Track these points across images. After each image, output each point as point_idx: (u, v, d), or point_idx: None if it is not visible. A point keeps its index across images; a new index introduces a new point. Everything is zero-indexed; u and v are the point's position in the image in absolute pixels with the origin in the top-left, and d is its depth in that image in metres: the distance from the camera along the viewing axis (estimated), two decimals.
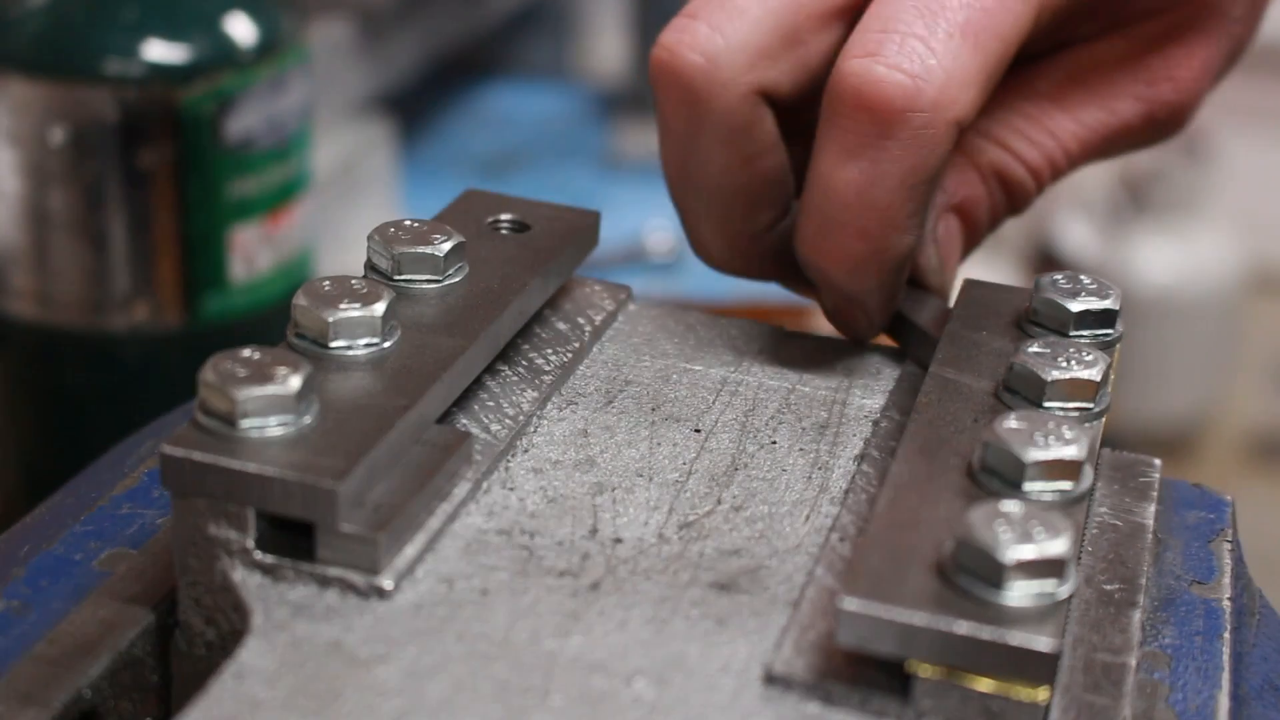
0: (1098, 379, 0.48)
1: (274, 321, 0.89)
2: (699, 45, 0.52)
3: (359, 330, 0.47)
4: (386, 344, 0.48)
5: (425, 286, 0.51)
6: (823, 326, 0.59)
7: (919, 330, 0.56)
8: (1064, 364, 0.48)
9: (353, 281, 0.48)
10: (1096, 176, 2.53)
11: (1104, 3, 0.57)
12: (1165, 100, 0.58)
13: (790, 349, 0.57)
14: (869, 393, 0.54)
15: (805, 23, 0.53)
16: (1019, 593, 0.40)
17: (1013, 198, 0.59)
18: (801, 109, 0.55)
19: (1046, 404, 0.47)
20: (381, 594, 0.43)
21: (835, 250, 0.52)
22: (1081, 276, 0.52)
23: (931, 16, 0.50)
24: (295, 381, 0.43)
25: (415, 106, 1.57)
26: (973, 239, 0.59)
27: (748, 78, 0.53)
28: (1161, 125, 0.59)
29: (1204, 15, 0.58)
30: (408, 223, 0.52)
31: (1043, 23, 0.53)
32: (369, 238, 0.52)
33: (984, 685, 0.40)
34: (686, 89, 0.53)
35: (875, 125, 0.50)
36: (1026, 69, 0.58)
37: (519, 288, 0.52)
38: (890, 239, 0.52)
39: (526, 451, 0.50)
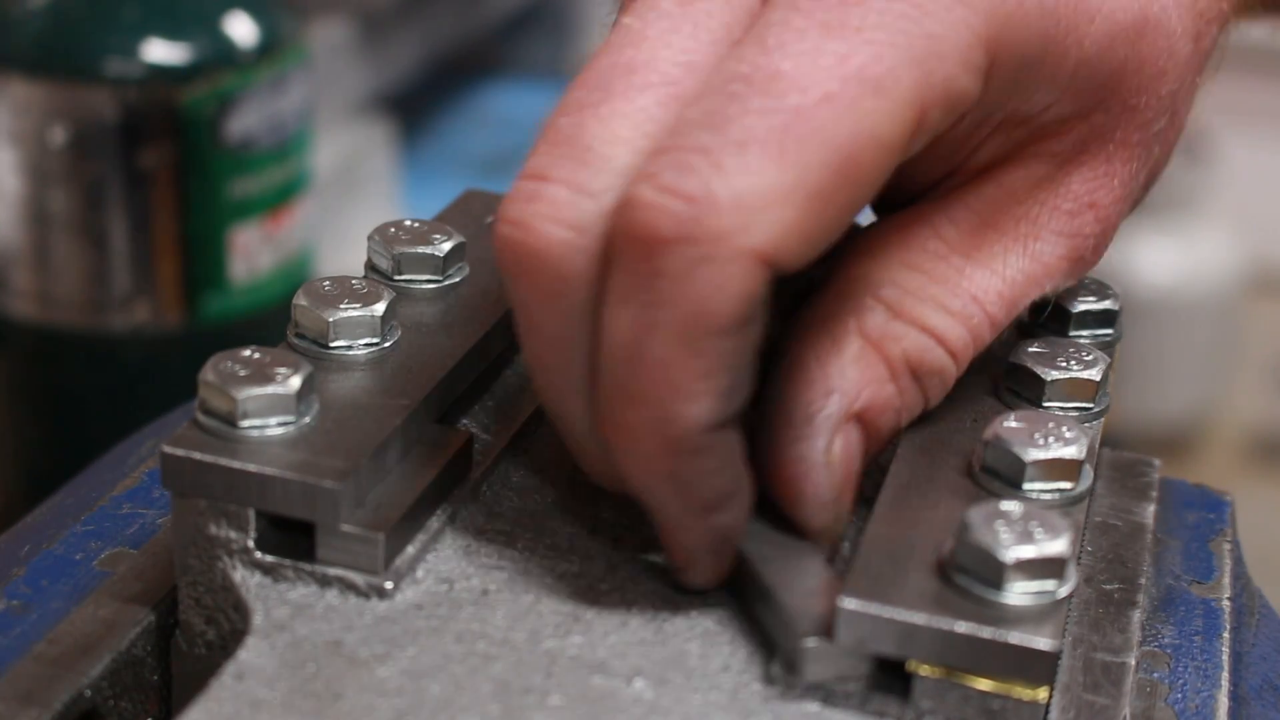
0: (1097, 379, 0.48)
1: (274, 321, 0.89)
2: (560, 215, 0.41)
3: (359, 330, 0.47)
4: (386, 344, 0.48)
5: (425, 286, 0.51)
6: None
7: (777, 607, 0.43)
8: (1064, 364, 0.48)
9: (353, 281, 0.48)
10: None
11: (1008, 99, 0.46)
12: (1088, 234, 0.48)
13: None
14: None
15: None
16: (1019, 592, 0.40)
17: (929, 391, 0.47)
18: None
19: (1046, 404, 0.47)
20: (381, 594, 0.43)
21: (610, 422, 0.42)
22: (1081, 276, 0.52)
23: (723, 125, 0.40)
24: (295, 381, 0.43)
25: (415, 106, 1.57)
26: (874, 453, 0.46)
27: None
28: (1081, 266, 0.49)
29: (1121, 121, 0.48)
30: (408, 223, 0.52)
31: (929, 128, 0.42)
32: (369, 238, 0.52)
33: (984, 685, 0.40)
34: (554, 274, 0.41)
35: (643, 262, 0.40)
36: (929, 213, 0.47)
37: None
38: (672, 408, 0.40)
39: (527, 451, 0.50)
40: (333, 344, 0.47)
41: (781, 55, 0.40)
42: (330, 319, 0.47)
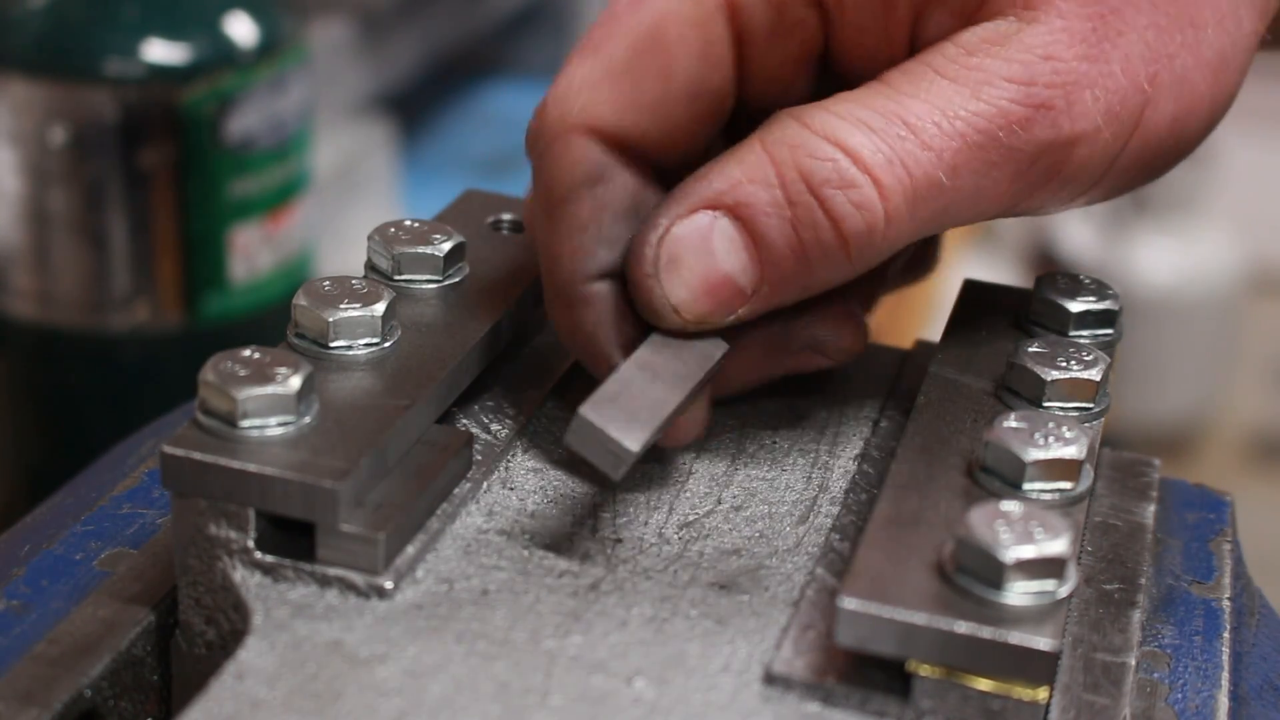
0: (1097, 379, 0.48)
1: (274, 321, 0.89)
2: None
3: (359, 330, 0.47)
4: (386, 344, 0.48)
5: (425, 286, 0.51)
6: None
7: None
8: (1064, 364, 0.48)
9: (353, 281, 0.48)
10: None
11: None
12: (1044, 84, 0.46)
13: None
14: (869, 393, 0.54)
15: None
16: (1019, 592, 0.40)
17: (832, 207, 0.46)
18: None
19: (1046, 404, 0.47)
20: (381, 594, 0.43)
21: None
22: (1081, 276, 0.52)
23: (579, 42, 0.49)
24: (295, 381, 0.43)
25: (415, 106, 1.57)
26: (775, 273, 0.47)
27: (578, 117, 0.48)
28: (1044, 116, 0.46)
29: None
30: (408, 223, 0.52)
31: (857, 31, 0.48)
32: (369, 238, 0.52)
33: (984, 685, 0.40)
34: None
35: (529, 151, 0.49)
36: (884, 73, 0.47)
37: (519, 288, 0.52)
38: (553, 260, 0.48)
39: (527, 451, 0.50)
40: (333, 344, 0.47)
41: None
42: (330, 319, 0.47)
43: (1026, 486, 0.44)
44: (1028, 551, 0.40)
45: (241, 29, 0.87)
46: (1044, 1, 0.46)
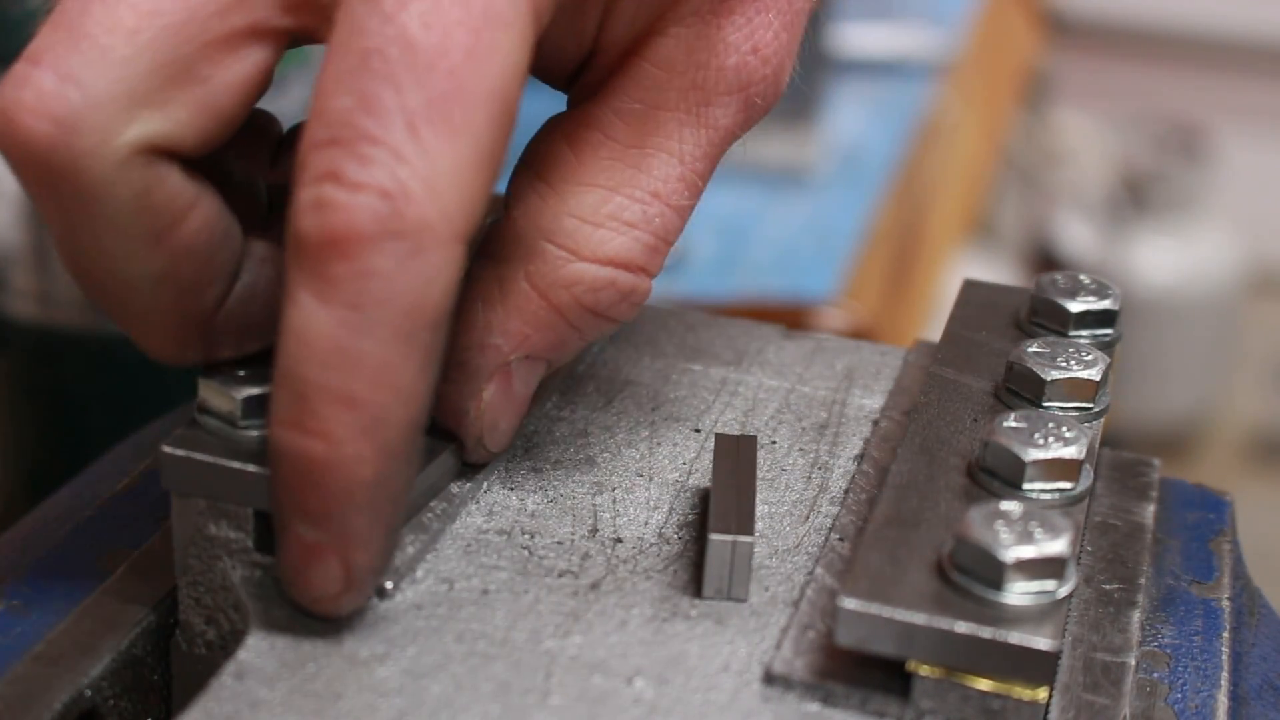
0: (1097, 379, 0.48)
1: None
2: (45, 107, 0.40)
3: None
4: None
5: None
6: (823, 326, 0.58)
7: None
8: (1063, 364, 0.48)
9: None
10: (1096, 176, 2.54)
11: None
12: (758, 80, 0.46)
13: (790, 349, 0.57)
14: (869, 393, 0.54)
15: (200, 53, 0.41)
16: (1018, 592, 0.40)
17: (618, 314, 0.45)
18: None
19: (1046, 404, 0.47)
20: (381, 594, 0.43)
21: (317, 427, 0.39)
22: (1081, 276, 0.52)
23: (385, 110, 0.38)
24: None
25: None
26: (554, 366, 0.47)
27: (124, 137, 0.40)
28: (757, 112, 0.46)
29: None
30: None
31: (543, 27, 0.41)
32: None
33: (984, 685, 0.40)
34: (41, 166, 0.40)
35: (344, 262, 0.38)
36: (596, 114, 0.45)
37: None
38: (391, 410, 0.39)
39: (526, 451, 0.50)
40: None
41: (408, 18, 0.38)
42: None
43: (1026, 486, 0.44)
44: (1027, 551, 0.40)
45: None
46: None
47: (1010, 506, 0.41)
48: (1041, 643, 0.39)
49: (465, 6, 0.39)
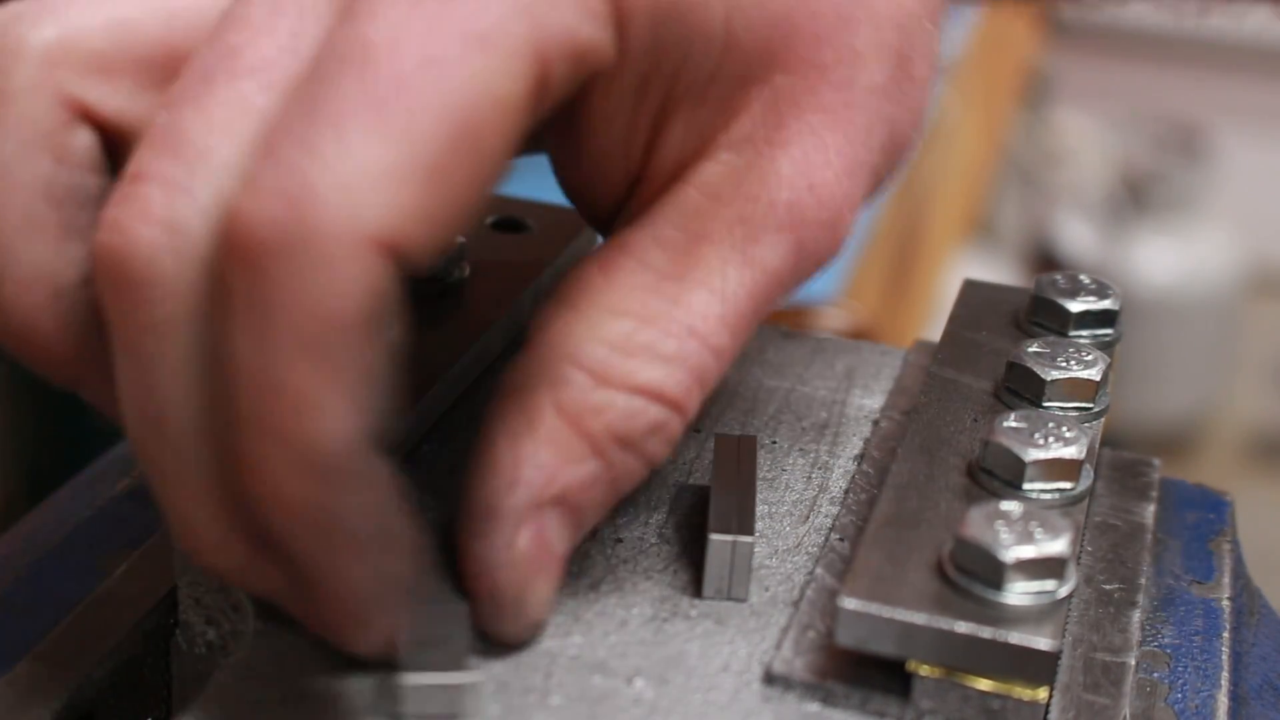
0: (1097, 379, 0.48)
1: None
2: (152, 212, 0.37)
3: None
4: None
5: (425, 287, 0.51)
6: (823, 326, 0.58)
7: None
8: (1063, 364, 0.48)
9: None
10: (1096, 176, 2.54)
11: (656, 59, 0.41)
12: (811, 222, 0.42)
13: (790, 349, 0.57)
14: (869, 393, 0.54)
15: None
16: (1018, 592, 0.40)
17: (649, 451, 0.42)
18: None
19: (1046, 404, 0.47)
20: None
21: (246, 469, 0.36)
22: (1081, 276, 0.52)
23: (317, 109, 0.35)
24: None
25: None
26: (587, 527, 0.43)
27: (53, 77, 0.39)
28: (812, 261, 0.43)
29: (812, 84, 0.42)
30: None
31: (557, 85, 0.38)
32: None
33: (984, 685, 0.40)
34: (143, 278, 0.37)
35: (248, 276, 0.35)
36: (634, 241, 0.42)
37: (519, 289, 0.52)
38: (307, 429, 0.35)
39: None
40: None
41: (372, 24, 0.36)
42: None
43: (1026, 486, 0.44)
44: (1027, 551, 0.40)
45: None
46: (793, 116, 0.42)
47: (1010, 506, 0.41)
48: (1041, 643, 0.39)
49: (438, 20, 0.36)
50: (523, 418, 0.41)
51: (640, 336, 0.41)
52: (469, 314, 0.50)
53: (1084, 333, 0.51)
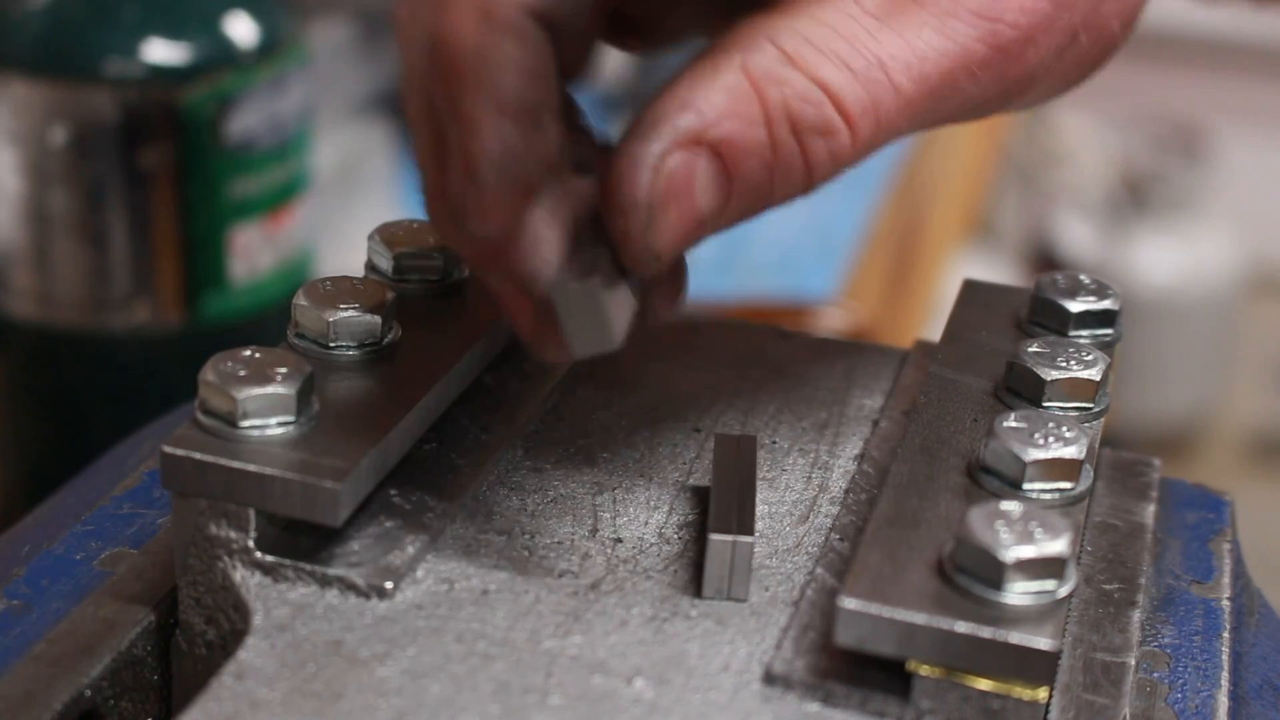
0: (1097, 379, 0.48)
1: (274, 322, 0.89)
2: None
3: (359, 330, 0.47)
4: (386, 344, 0.48)
5: (425, 286, 0.51)
6: (823, 326, 0.58)
7: None
8: (1063, 364, 0.48)
9: (353, 282, 0.48)
10: (1096, 176, 2.54)
11: None
12: (1010, 22, 0.45)
13: (790, 349, 0.57)
14: (869, 393, 0.54)
15: None
16: (1019, 592, 0.40)
17: (811, 153, 0.44)
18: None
19: (1046, 404, 0.47)
20: (381, 594, 0.43)
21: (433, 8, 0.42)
22: (1081, 276, 0.52)
23: None
24: (295, 381, 0.43)
25: None
26: (739, 206, 0.45)
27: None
28: (1005, 60, 0.45)
29: None
30: (408, 223, 0.53)
31: None
32: (369, 238, 0.52)
33: (984, 685, 0.40)
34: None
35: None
36: None
37: None
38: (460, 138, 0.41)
39: (527, 451, 0.50)
40: (333, 344, 0.47)
41: None
42: (330, 319, 0.47)
43: (1026, 486, 0.44)
44: (1027, 551, 0.40)
45: (241, 29, 0.87)
46: None
47: (1010, 506, 0.41)
48: (1041, 643, 0.39)
49: None
50: (709, 66, 0.43)
51: (835, 44, 0.44)
52: (469, 314, 0.50)
53: (1084, 333, 0.51)
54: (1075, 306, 0.51)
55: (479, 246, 0.43)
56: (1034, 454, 0.43)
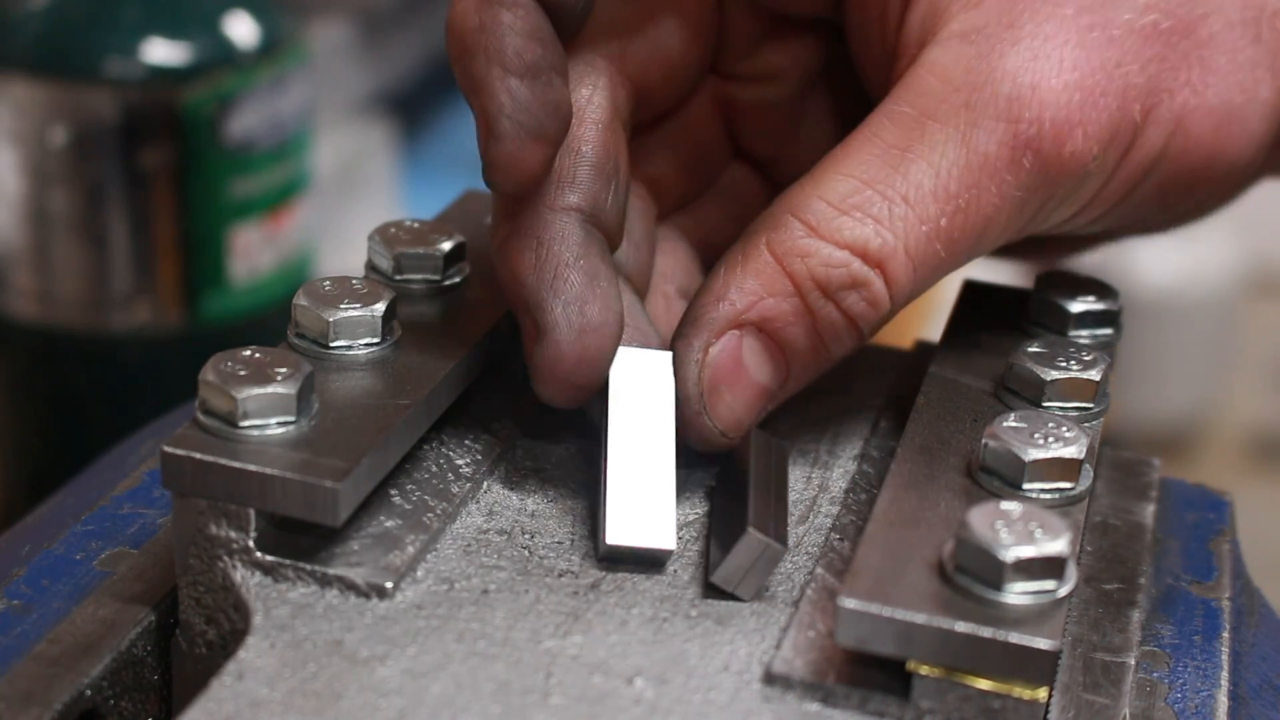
0: (1097, 379, 0.48)
1: (274, 321, 0.89)
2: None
3: (359, 330, 0.47)
4: (386, 344, 0.48)
5: (425, 286, 0.51)
6: None
7: None
8: (1063, 364, 0.48)
9: (353, 281, 0.48)
10: None
11: None
12: (1030, 120, 0.45)
13: None
14: (869, 393, 0.54)
15: None
16: (1019, 592, 0.40)
17: (849, 308, 0.47)
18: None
19: (1046, 404, 0.47)
20: (382, 594, 0.43)
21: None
22: (1081, 276, 0.52)
23: None
24: (295, 381, 0.43)
25: (415, 106, 1.57)
26: (800, 370, 0.48)
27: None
28: (1033, 159, 0.46)
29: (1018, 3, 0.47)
30: (408, 223, 0.53)
31: (862, 31, 0.50)
32: (369, 238, 0.52)
33: (984, 685, 0.40)
34: None
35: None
36: (873, 118, 0.47)
37: None
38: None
39: (527, 451, 0.50)
40: (333, 344, 0.47)
41: None
42: (330, 319, 0.47)
43: (1026, 486, 0.44)
44: (1027, 551, 0.40)
45: (241, 29, 0.87)
46: (1027, 17, 0.46)
47: (1010, 506, 0.41)
48: (1041, 642, 0.39)
49: None
50: (740, 253, 0.47)
51: (856, 197, 0.46)
52: (469, 314, 0.50)
53: (1084, 333, 0.51)
54: (1075, 307, 0.51)
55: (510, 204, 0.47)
56: (1034, 454, 0.43)
